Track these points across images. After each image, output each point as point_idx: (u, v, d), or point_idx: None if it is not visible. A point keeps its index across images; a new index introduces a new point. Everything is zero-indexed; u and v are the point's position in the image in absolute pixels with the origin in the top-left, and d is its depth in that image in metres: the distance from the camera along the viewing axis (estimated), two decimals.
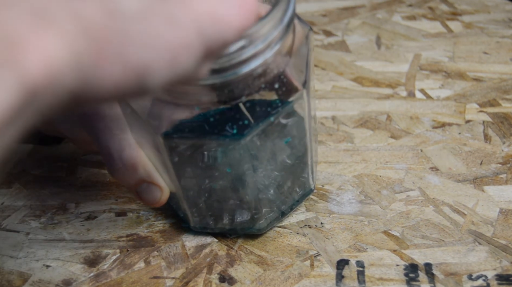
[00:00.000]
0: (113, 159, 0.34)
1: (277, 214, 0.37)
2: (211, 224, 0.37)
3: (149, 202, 0.35)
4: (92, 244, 0.39)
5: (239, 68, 0.28)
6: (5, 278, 0.37)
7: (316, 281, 0.35)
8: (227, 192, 0.35)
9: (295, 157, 0.35)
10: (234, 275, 0.36)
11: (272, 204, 0.36)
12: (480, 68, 0.53)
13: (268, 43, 0.28)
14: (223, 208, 0.36)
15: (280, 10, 0.29)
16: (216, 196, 0.35)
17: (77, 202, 0.42)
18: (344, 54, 0.56)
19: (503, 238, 0.36)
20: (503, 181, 0.41)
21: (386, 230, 0.38)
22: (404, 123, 0.47)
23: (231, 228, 0.37)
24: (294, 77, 0.31)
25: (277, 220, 0.37)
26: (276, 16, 0.28)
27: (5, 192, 0.43)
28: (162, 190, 0.35)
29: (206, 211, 0.36)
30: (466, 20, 0.60)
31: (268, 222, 0.37)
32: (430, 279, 0.34)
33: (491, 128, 0.46)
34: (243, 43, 0.27)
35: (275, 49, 0.29)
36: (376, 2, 0.65)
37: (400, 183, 0.41)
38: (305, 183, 0.38)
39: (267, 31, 0.28)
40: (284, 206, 0.37)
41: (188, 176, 0.34)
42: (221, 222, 0.37)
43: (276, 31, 0.28)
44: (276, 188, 0.36)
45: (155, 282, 0.36)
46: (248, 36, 0.27)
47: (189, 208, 0.36)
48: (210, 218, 0.37)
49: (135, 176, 0.34)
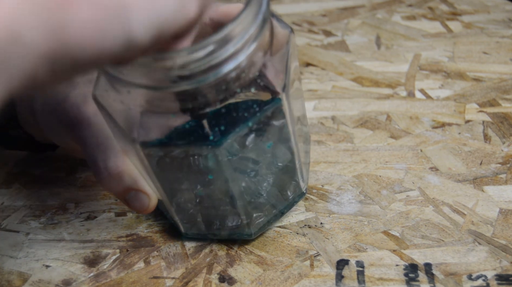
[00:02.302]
0: (98, 167, 0.34)
1: (268, 218, 0.37)
2: (202, 230, 0.37)
3: (137, 209, 0.35)
4: (92, 244, 0.39)
5: (211, 73, 0.27)
6: (5, 278, 0.37)
7: (316, 281, 0.35)
8: (214, 198, 0.34)
9: (280, 160, 0.35)
10: (234, 275, 0.36)
11: (262, 208, 0.36)
12: (480, 68, 0.53)
13: (241, 46, 0.27)
14: (212, 214, 0.36)
15: (252, 10, 0.27)
16: (204, 202, 0.35)
17: (77, 202, 0.42)
18: (344, 54, 0.56)
19: (503, 238, 0.36)
20: (503, 181, 0.41)
21: (386, 230, 0.38)
22: (404, 123, 0.47)
23: (222, 234, 0.37)
24: (274, 80, 0.30)
25: (268, 225, 0.37)
26: (248, 16, 0.27)
27: (5, 192, 0.43)
28: (150, 196, 0.34)
29: (195, 218, 0.36)
30: (466, 20, 0.60)
31: (259, 227, 0.36)
32: (430, 279, 0.34)
33: (491, 128, 0.46)
34: (214, 47, 0.26)
35: (249, 52, 0.28)
36: (376, 2, 0.65)
37: (400, 183, 0.41)
38: (295, 187, 0.37)
39: (239, 33, 0.27)
40: (275, 210, 0.37)
41: (172, 183, 0.34)
42: (212, 229, 0.37)
43: (248, 33, 0.27)
44: (264, 193, 0.35)
45: (155, 282, 0.36)
46: (219, 39, 0.26)
47: (178, 215, 0.36)
48: (200, 225, 0.37)
49: (122, 184, 0.34)
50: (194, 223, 0.37)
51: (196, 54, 0.26)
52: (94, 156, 0.34)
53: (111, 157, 0.34)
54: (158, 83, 0.27)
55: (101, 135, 0.34)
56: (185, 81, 0.27)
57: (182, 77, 0.27)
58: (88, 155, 0.34)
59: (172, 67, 0.26)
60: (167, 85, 0.27)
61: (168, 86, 0.27)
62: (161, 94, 0.28)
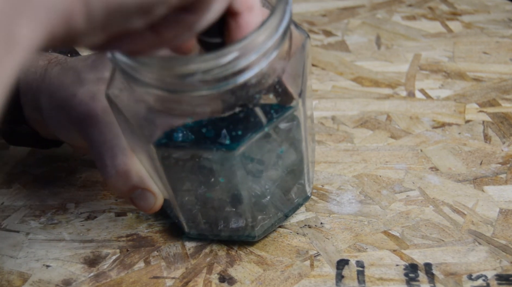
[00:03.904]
0: (105, 165, 0.34)
1: (272, 221, 0.37)
2: (206, 231, 0.37)
3: (143, 208, 0.35)
4: (92, 244, 0.39)
5: (233, 79, 0.27)
6: (5, 278, 0.37)
7: (316, 281, 0.35)
8: (222, 200, 0.34)
9: (290, 164, 0.35)
10: (234, 275, 0.36)
11: (268, 211, 0.36)
12: (480, 68, 0.53)
13: (263, 53, 0.27)
14: (218, 215, 0.36)
15: (276, 19, 0.28)
16: (211, 204, 0.35)
17: (77, 202, 0.42)
18: (344, 54, 0.56)
19: (503, 238, 0.36)
20: (503, 181, 0.41)
21: (386, 230, 0.38)
22: (404, 123, 0.47)
23: (226, 235, 0.37)
24: (290, 85, 0.31)
25: (272, 227, 0.37)
26: (272, 25, 0.27)
27: (5, 192, 0.43)
28: (156, 196, 0.34)
29: (200, 218, 0.36)
30: (466, 20, 0.60)
31: (263, 229, 0.37)
32: (430, 279, 0.34)
33: (491, 128, 0.46)
34: (237, 54, 0.26)
35: (270, 59, 0.28)
36: (376, 2, 0.65)
37: (400, 183, 0.41)
38: (301, 190, 0.37)
39: (262, 42, 0.27)
40: (280, 213, 0.37)
41: (181, 184, 0.34)
42: (216, 229, 0.37)
43: (271, 41, 0.27)
44: (271, 196, 0.35)
45: (155, 282, 0.36)
46: (243, 47, 0.26)
47: (183, 215, 0.36)
48: (205, 225, 0.37)
49: (128, 182, 0.34)
50: (198, 224, 0.37)
51: (220, 61, 0.26)
52: (102, 153, 0.34)
53: (119, 154, 0.34)
54: (177, 87, 0.28)
55: (109, 133, 0.34)
56: (205, 86, 0.27)
57: (204, 82, 0.27)
58: (95, 152, 0.34)
59: (195, 71, 0.26)
60: (187, 89, 0.27)
61: (188, 90, 0.27)
62: (179, 97, 0.28)
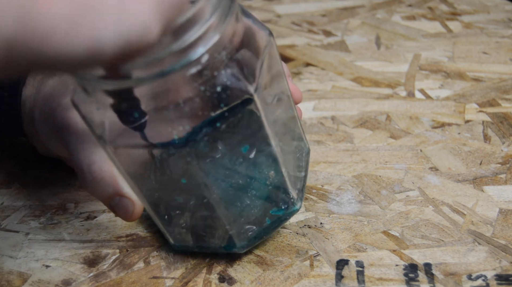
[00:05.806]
0: (83, 171, 0.34)
1: (257, 232, 0.35)
2: (190, 242, 0.36)
3: (121, 216, 0.34)
4: (91, 244, 0.39)
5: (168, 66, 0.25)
6: (4, 278, 0.37)
7: (316, 281, 0.35)
8: (196, 205, 0.33)
9: (265, 169, 0.33)
10: (234, 275, 0.36)
11: (248, 220, 0.34)
12: (479, 68, 0.53)
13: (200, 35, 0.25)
14: (196, 224, 0.35)
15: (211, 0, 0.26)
16: (187, 211, 0.34)
17: (76, 202, 0.42)
18: (344, 54, 0.56)
19: (503, 238, 0.36)
20: (503, 181, 0.41)
21: (385, 230, 0.38)
22: (403, 123, 0.47)
23: (210, 247, 0.36)
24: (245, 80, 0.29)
25: (259, 239, 0.35)
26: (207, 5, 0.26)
27: (5, 192, 0.43)
28: (134, 203, 0.34)
29: (180, 228, 0.35)
30: (465, 20, 0.60)
31: (247, 241, 0.35)
32: (430, 279, 0.34)
33: (491, 128, 0.46)
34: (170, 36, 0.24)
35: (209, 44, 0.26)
36: (376, 2, 0.65)
37: (399, 183, 0.41)
38: (287, 200, 0.35)
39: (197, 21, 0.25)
40: (265, 223, 0.35)
41: (148, 187, 0.33)
42: (200, 240, 0.35)
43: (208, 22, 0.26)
44: (247, 203, 0.34)
45: (154, 282, 0.36)
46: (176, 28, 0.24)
47: (163, 225, 0.35)
48: (187, 235, 0.35)
49: (106, 189, 0.34)
50: (180, 234, 0.36)
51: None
52: (79, 160, 0.34)
53: (96, 161, 0.34)
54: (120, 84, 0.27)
55: (86, 140, 0.34)
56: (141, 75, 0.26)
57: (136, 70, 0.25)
58: (73, 159, 0.34)
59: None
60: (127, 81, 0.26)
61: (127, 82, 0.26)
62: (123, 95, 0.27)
